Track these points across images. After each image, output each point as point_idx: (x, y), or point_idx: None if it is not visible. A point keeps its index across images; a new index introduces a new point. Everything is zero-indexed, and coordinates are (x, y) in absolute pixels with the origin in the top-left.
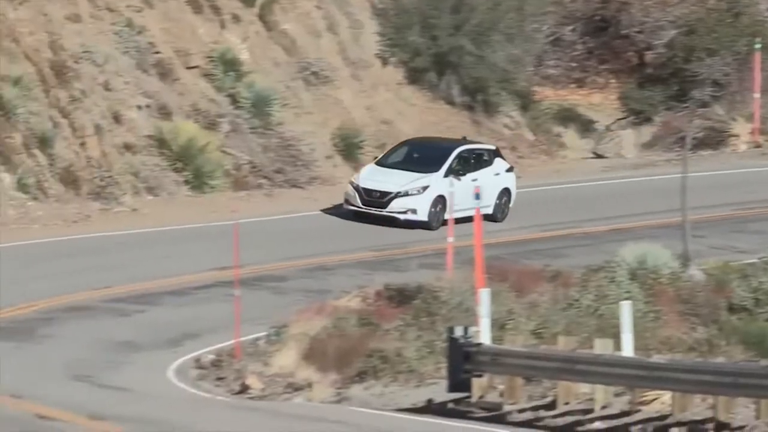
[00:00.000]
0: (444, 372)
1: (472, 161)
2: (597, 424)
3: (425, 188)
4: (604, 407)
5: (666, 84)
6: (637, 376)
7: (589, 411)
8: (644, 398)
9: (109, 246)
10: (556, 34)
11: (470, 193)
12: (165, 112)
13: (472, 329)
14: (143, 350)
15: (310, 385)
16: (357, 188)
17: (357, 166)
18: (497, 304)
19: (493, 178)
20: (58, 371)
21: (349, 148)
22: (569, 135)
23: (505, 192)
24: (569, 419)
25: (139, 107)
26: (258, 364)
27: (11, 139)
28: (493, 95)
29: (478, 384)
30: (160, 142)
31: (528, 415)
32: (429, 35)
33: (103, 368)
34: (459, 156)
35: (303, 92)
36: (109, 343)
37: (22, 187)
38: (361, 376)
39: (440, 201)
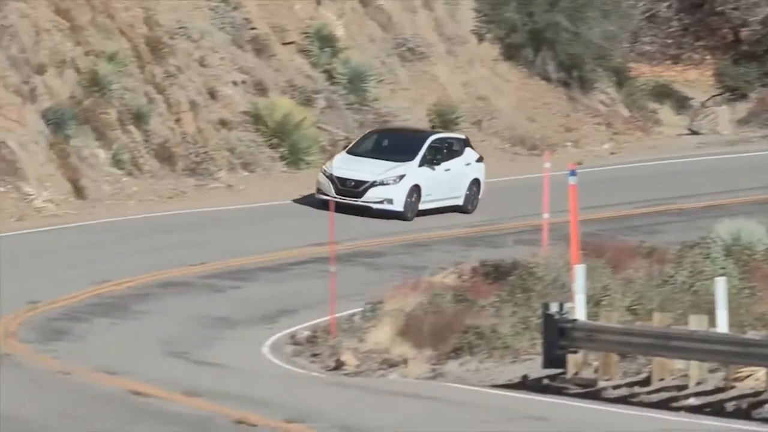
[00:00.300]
0: (539, 348)
1: (445, 150)
2: (691, 401)
3: (401, 177)
4: (698, 383)
5: (761, 61)
6: (731, 352)
7: (684, 387)
8: (739, 374)
9: (204, 222)
10: (652, 10)
11: (444, 183)
12: (261, 88)
13: (567, 305)
14: (238, 326)
15: (405, 362)
16: (330, 177)
17: None
18: (592, 280)
19: (464, 168)
20: (153, 347)
21: (445, 125)
22: (664, 111)
23: (475, 183)
24: (664, 395)
25: (235, 83)
26: (353, 340)
27: (106, 115)
28: (588, 72)
29: (573, 360)
30: (256, 118)
31: (623, 392)
32: (525, 11)
33: (198, 344)
34: (431, 145)
35: (399, 68)
36: (205, 319)
37: (117, 163)
38: (456, 353)
39: (415, 191)
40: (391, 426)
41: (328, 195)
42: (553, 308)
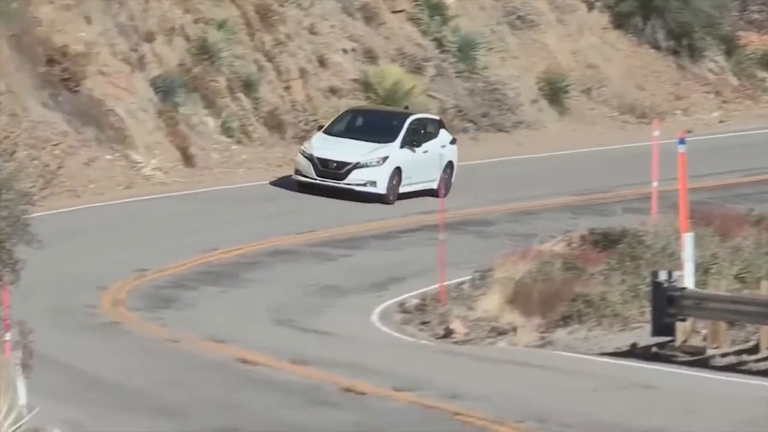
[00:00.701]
0: (648, 316)
1: (422, 132)
2: None
3: (385, 159)
4: None
5: None
6: None
7: None
8: None
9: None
10: None
11: (422, 165)
12: (370, 56)
13: (676, 273)
14: (347, 294)
15: (514, 330)
16: (311, 158)
17: (562, 110)
18: (701, 249)
19: (440, 151)
20: (261, 315)
21: (554, 93)
22: None
23: (449, 165)
24: None
25: (345, 51)
26: (462, 308)
27: (215, 83)
28: (697, 40)
29: (681, 328)
30: (366, 86)
31: (731, 360)
32: None
33: (306, 312)
34: (411, 126)
35: (508, 36)
36: (313, 287)
37: (226, 131)
38: (565, 321)
39: (397, 173)
40: (499, 394)
41: (307, 177)
42: (662, 276)
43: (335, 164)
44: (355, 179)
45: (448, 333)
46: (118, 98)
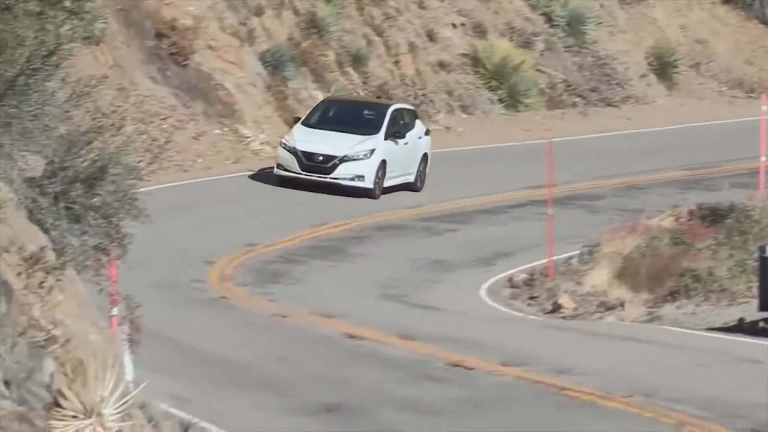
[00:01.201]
0: (755, 291)
1: (401, 122)
2: None
3: (372, 152)
4: None
5: None
6: None
7: None
8: None
9: None
10: None
11: (402, 158)
12: (479, 31)
13: None
14: (455, 269)
15: (622, 305)
16: (294, 151)
17: (671, 85)
18: None
19: (417, 142)
20: (369, 290)
21: (663, 68)
22: None
23: (424, 158)
24: None
25: (454, 26)
26: (570, 283)
27: (324, 57)
28: None
29: None
30: (475, 61)
31: None
32: None
33: (414, 287)
34: (391, 117)
35: (617, 11)
36: (421, 262)
37: None
38: (672, 296)
39: (382, 167)
40: (607, 369)
41: (290, 171)
42: None
43: (321, 158)
44: (342, 173)
45: (556, 308)
46: (227, 72)
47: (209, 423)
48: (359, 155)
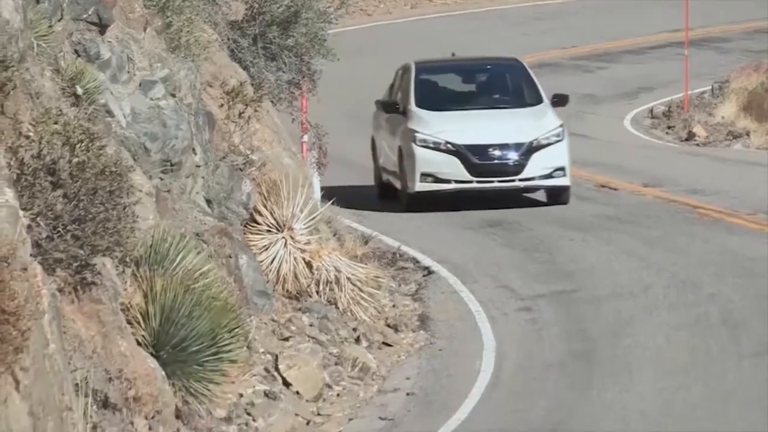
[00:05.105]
0: None
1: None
2: None
3: (562, 129)
4: None
5: None
6: None
7: None
8: None
9: (572, 10)
10: None
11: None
12: None
13: None
14: (604, 102)
15: (747, 134)
16: (456, 151)
17: None
18: None
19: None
20: None
21: None
22: None
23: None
24: None
25: None
26: (703, 114)
27: None
28: None
29: None
30: None
31: None
32: None
33: (566, 118)
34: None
35: None
36: (573, 96)
37: None
38: None
39: None
40: (734, 190)
41: (451, 181)
42: None
43: (499, 151)
44: (536, 170)
45: (690, 136)
46: None
47: (385, 236)
48: (550, 138)
